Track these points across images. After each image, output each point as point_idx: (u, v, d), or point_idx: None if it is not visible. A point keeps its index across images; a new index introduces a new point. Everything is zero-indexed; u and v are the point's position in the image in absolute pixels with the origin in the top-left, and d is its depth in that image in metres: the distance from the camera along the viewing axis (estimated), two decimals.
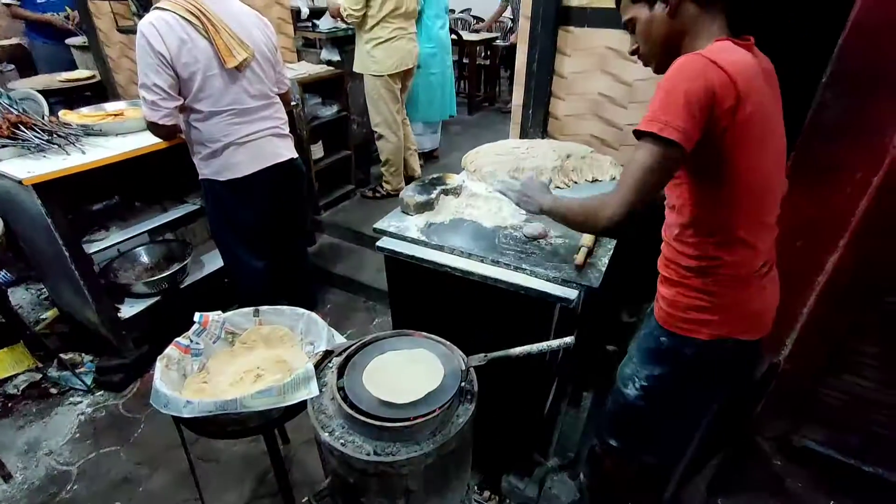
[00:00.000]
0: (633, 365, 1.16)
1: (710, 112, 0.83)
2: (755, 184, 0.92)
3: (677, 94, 0.82)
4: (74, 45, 3.58)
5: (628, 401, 1.17)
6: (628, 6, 0.99)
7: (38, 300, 2.58)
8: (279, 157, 1.91)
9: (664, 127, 0.82)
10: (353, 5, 2.67)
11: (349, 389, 1.04)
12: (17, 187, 1.64)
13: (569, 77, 1.82)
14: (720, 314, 1.00)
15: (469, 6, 6.65)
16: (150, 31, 1.52)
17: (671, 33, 0.95)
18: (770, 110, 0.91)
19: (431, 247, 1.31)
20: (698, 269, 0.99)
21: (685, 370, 1.08)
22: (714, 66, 0.82)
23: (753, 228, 0.96)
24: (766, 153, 0.91)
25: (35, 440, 1.91)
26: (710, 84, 0.81)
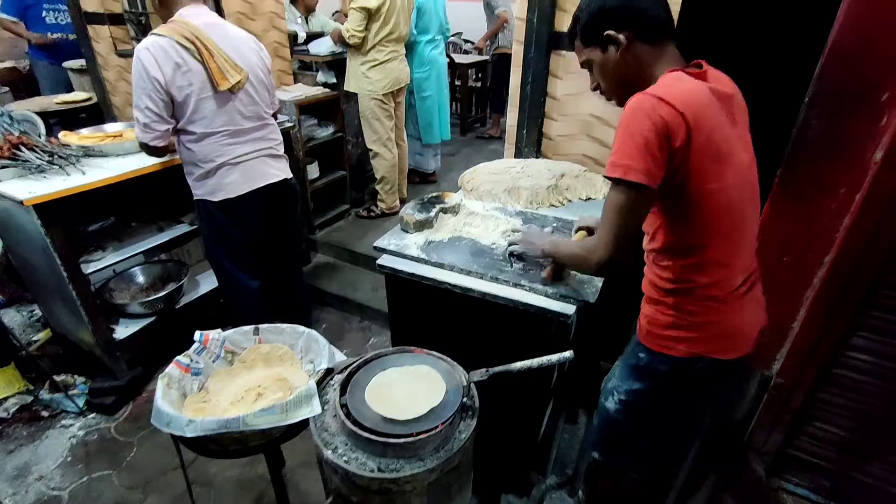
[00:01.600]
0: (614, 380, 1.20)
1: (667, 147, 0.88)
2: (720, 205, 0.95)
3: (634, 137, 0.88)
4: (72, 69, 3.61)
5: (609, 414, 1.21)
6: (582, 50, 1.06)
7: (30, 322, 2.55)
8: (273, 178, 1.93)
9: (628, 171, 0.88)
10: (356, 27, 2.77)
11: (352, 407, 1.04)
12: (16, 208, 1.64)
13: (561, 99, 1.88)
14: (696, 332, 1.03)
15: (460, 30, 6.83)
16: (146, 57, 1.57)
17: (625, 71, 1.01)
18: (726, 132, 0.94)
19: (431, 264, 1.33)
20: (674, 290, 1.03)
21: (662, 386, 1.11)
22: (662, 104, 0.87)
23: (725, 248, 0.99)
24: (727, 173, 0.94)
25: (25, 465, 1.87)
26: (662, 121, 0.86)
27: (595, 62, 1.04)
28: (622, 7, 0.97)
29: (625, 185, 0.89)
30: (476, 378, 1.09)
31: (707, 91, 0.93)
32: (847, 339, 1.33)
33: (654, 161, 0.87)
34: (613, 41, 0.98)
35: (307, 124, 3.02)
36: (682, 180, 0.92)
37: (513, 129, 1.97)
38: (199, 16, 1.69)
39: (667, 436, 1.24)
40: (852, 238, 1.24)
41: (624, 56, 0.99)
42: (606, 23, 0.98)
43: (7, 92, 3.81)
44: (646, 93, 0.90)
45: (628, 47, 0.98)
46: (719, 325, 1.03)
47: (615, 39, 0.98)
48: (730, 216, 0.97)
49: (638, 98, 0.90)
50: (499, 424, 1.42)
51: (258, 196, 1.90)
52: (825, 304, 1.32)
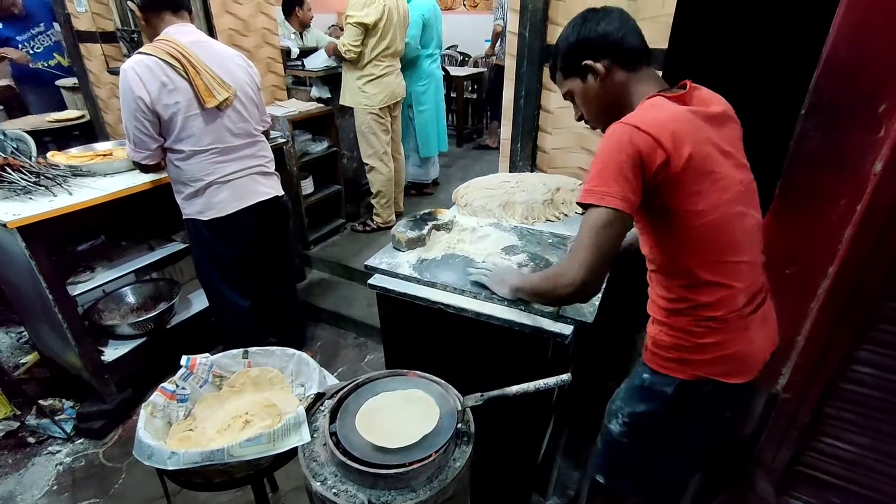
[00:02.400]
0: (618, 401, 1.17)
1: (642, 173, 0.88)
2: (709, 226, 0.93)
3: (610, 164, 0.88)
4: (65, 87, 3.60)
5: (613, 437, 1.17)
6: (563, 82, 1.08)
7: (18, 344, 2.49)
8: (263, 196, 1.91)
9: (603, 196, 0.89)
10: (353, 43, 2.76)
11: (342, 435, 1.00)
12: (0, 230, 1.61)
13: (555, 112, 1.86)
14: (700, 354, 1.00)
15: (455, 43, 6.88)
16: (131, 77, 1.56)
17: (607, 99, 1.02)
18: (709, 152, 0.92)
19: (424, 283, 1.30)
20: (675, 310, 1.01)
21: (666, 409, 1.07)
22: (637, 132, 0.87)
23: (719, 269, 0.96)
24: (713, 194, 0.92)
25: (10, 494, 1.81)
26: (636, 149, 0.87)
27: (576, 92, 1.06)
28: (598, 37, 0.99)
29: (601, 210, 0.89)
30: (471, 403, 1.05)
31: (686, 114, 0.92)
32: (853, 352, 1.29)
33: (630, 186, 0.88)
34: (592, 70, 1.00)
35: (301, 139, 3.00)
36: (664, 204, 0.92)
37: (507, 142, 1.95)
38: (185, 34, 1.68)
39: (672, 459, 1.19)
40: (855, 249, 1.21)
41: (603, 84, 1.01)
42: (584, 53, 1.00)
43: (1, 111, 3.79)
44: (621, 121, 0.91)
45: (607, 75, 1.00)
46: (724, 347, 0.99)
47: (594, 69, 1.00)
48: (721, 236, 0.95)
49: (613, 127, 0.91)
50: (498, 445, 1.38)
51: (249, 214, 1.87)
52: (830, 316, 1.29)
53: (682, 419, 1.09)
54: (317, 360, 2.45)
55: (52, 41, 3.54)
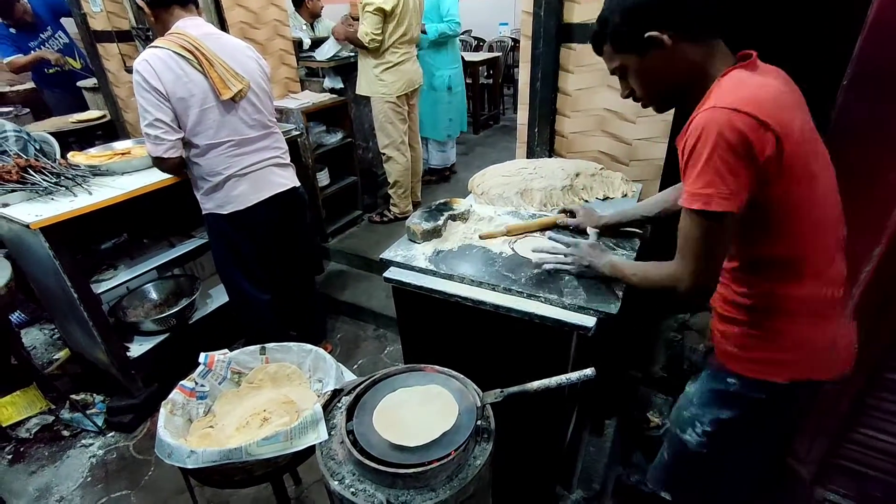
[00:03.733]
0: (692, 408, 1.06)
1: (751, 163, 0.77)
2: (813, 210, 0.84)
3: (712, 160, 0.77)
4: (85, 87, 3.66)
5: (688, 448, 1.07)
6: (613, 56, 0.92)
7: (52, 340, 2.58)
8: (281, 187, 1.90)
9: (709, 200, 0.78)
10: (374, 30, 2.72)
11: (359, 433, 0.98)
12: (25, 231, 1.64)
13: (573, 94, 1.79)
14: (796, 353, 0.91)
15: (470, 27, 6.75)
16: (144, 68, 1.54)
17: (672, 76, 0.88)
18: (810, 128, 0.84)
19: (440, 276, 1.26)
20: (766, 308, 0.91)
21: (756, 413, 0.98)
22: (737, 115, 0.75)
23: (819, 256, 0.87)
24: (819, 176, 0.84)
25: (46, 486, 1.87)
26: (741, 136, 0.75)
27: (631, 68, 0.91)
28: (663, 2, 0.83)
29: (706, 215, 0.79)
30: (490, 399, 1.02)
31: (779, 87, 0.82)
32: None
33: (739, 183, 0.77)
34: (656, 43, 0.84)
35: (315, 131, 2.99)
36: (774, 192, 0.81)
37: (524, 127, 1.89)
38: (196, 27, 1.66)
39: (750, 465, 1.12)
40: None
41: (669, 59, 0.85)
42: (646, 23, 0.84)
43: (28, 113, 3.89)
44: (715, 106, 0.78)
45: (673, 49, 0.84)
46: (821, 343, 0.91)
47: (658, 41, 0.84)
48: (822, 220, 0.86)
49: (707, 115, 0.78)
50: (520, 438, 1.34)
51: (267, 206, 1.87)
52: (874, 301, 1.21)
53: (769, 423, 1.01)
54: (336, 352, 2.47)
55: (62, 44, 3.59)
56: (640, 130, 1.73)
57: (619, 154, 1.81)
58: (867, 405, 1.33)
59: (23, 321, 2.65)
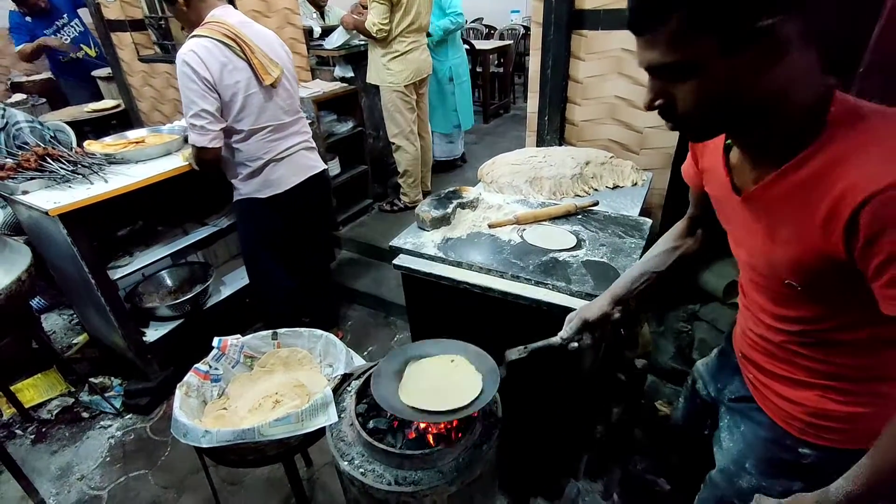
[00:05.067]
0: (750, 477, 0.91)
1: None
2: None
3: None
4: (100, 77, 3.71)
5: None
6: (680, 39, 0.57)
7: (71, 325, 2.64)
8: (314, 169, 1.97)
9: None
10: (381, 19, 2.71)
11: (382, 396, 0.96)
12: (44, 218, 1.68)
13: (584, 81, 1.77)
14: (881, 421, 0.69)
15: (481, 15, 6.68)
16: (192, 59, 1.56)
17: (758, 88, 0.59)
18: None
19: (449, 263, 1.27)
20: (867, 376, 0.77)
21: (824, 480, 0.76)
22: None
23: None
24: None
25: (67, 465, 1.94)
26: None
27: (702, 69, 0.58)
28: None
29: None
30: (514, 356, 0.99)
31: None
32: None
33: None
34: (768, 36, 0.55)
35: (326, 120, 3.00)
36: None
37: (534, 115, 1.88)
38: (231, 14, 1.70)
39: None
40: None
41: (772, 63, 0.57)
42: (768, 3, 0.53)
43: (44, 103, 3.96)
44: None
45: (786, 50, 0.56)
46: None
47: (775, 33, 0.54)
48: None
49: None
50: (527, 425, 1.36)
51: (303, 188, 1.93)
52: None
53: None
54: (347, 339, 2.50)
55: (77, 32, 3.63)
56: (651, 118, 1.70)
57: (630, 142, 1.79)
58: None
59: (43, 307, 2.72)
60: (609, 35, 1.68)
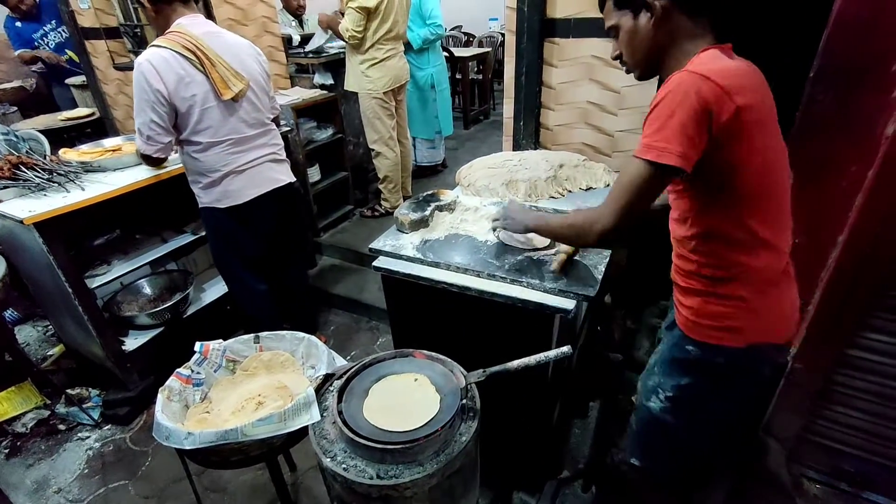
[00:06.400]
0: (655, 377, 1.11)
1: (708, 129, 0.82)
2: (767, 182, 0.90)
3: (672, 117, 0.82)
4: (74, 85, 3.65)
5: (653, 415, 1.12)
6: (611, 12, 0.97)
7: (45, 336, 2.59)
8: (277, 182, 1.93)
9: (661, 153, 0.83)
10: (355, 27, 2.74)
11: (350, 415, 1.03)
12: (18, 227, 1.66)
13: (557, 88, 1.84)
14: (754, 320, 0.96)
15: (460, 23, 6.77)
16: (147, 69, 1.55)
17: (655, 42, 0.93)
18: (768, 108, 0.90)
19: (427, 264, 1.31)
20: (723, 277, 0.96)
21: (716, 379, 1.03)
22: (707, 81, 0.81)
23: (773, 229, 0.93)
24: (770, 149, 0.90)
25: (44, 478, 1.90)
26: (705, 101, 0.80)
27: (623, 28, 0.95)
28: None
29: (652, 165, 0.84)
30: (473, 379, 1.07)
31: (749, 67, 0.89)
32: (865, 320, 1.28)
33: (692, 143, 0.82)
34: (648, 7, 0.90)
35: (306, 127, 3.01)
36: (729, 158, 0.86)
37: (509, 120, 1.93)
38: (197, 25, 1.67)
39: (714, 431, 1.15)
40: (866, 217, 1.18)
41: (658, 26, 0.91)
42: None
43: (15, 111, 3.87)
44: (686, 70, 0.84)
45: (663, 16, 0.90)
46: (774, 309, 0.97)
47: (651, 5, 0.90)
48: (774, 192, 0.92)
49: (679, 77, 0.84)
50: (507, 420, 1.40)
51: (264, 201, 1.91)
52: (840, 285, 1.27)
53: (729, 387, 1.05)
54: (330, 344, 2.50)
55: (63, 38, 3.62)
56: (622, 122, 1.79)
57: (602, 146, 1.86)
58: (836, 383, 1.39)
59: (15, 319, 2.66)
60: (580, 43, 1.74)
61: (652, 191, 0.88)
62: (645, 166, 0.86)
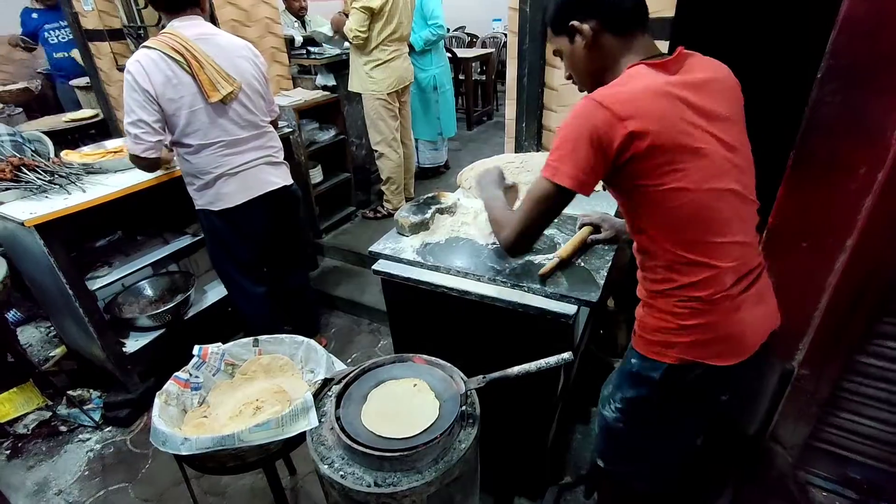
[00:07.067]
0: (610, 387, 1.15)
1: (601, 152, 0.86)
2: (686, 206, 0.88)
3: (568, 140, 0.88)
4: (78, 86, 3.67)
5: (608, 423, 1.15)
6: (552, 38, 1.03)
7: (48, 338, 2.60)
8: (272, 185, 1.91)
9: (556, 173, 0.89)
10: (360, 27, 2.74)
11: (348, 421, 1.02)
12: (19, 229, 1.66)
13: (560, 89, 1.82)
14: (686, 336, 0.96)
15: (463, 24, 6.76)
16: (135, 69, 1.56)
17: (593, 62, 0.98)
18: (686, 128, 0.86)
19: (427, 267, 1.29)
20: (659, 291, 0.98)
21: (655, 393, 1.04)
22: (600, 108, 0.84)
23: (701, 249, 0.91)
24: (692, 172, 0.87)
25: (45, 480, 1.90)
26: (595, 127, 0.84)
27: (564, 52, 1.02)
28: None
29: (549, 184, 0.91)
30: (473, 385, 1.05)
31: (662, 87, 0.87)
32: (874, 326, 1.25)
33: (585, 166, 0.87)
34: (579, 32, 0.96)
35: (308, 128, 3.01)
36: (634, 182, 0.89)
37: (511, 122, 1.92)
38: (190, 27, 1.67)
39: (668, 443, 1.16)
40: (875, 220, 1.16)
41: (590, 47, 0.96)
42: (572, 12, 0.96)
43: (20, 112, 3.90)
44: (588, 96, 0.88)
45: (594, 38, 0.95)
46: (712, 329, 0.95)
47: (580, 30, 0.95)
48: (703, 215, 0.90)
49: (581, 103, 0.89)
50: (509, 426, 1.38)
51: (258, 204, 1.89)
52: (848, 290, 1.24)
53: (673, 403, 1.05)
54: (331, 346, 2.49)
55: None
56: None
57: None
58: (845, 389, 1.37)
59: (19, 319, 2.67)
60: None
61: (551, 208, 0.95)
62: (545, 184, 0.92)
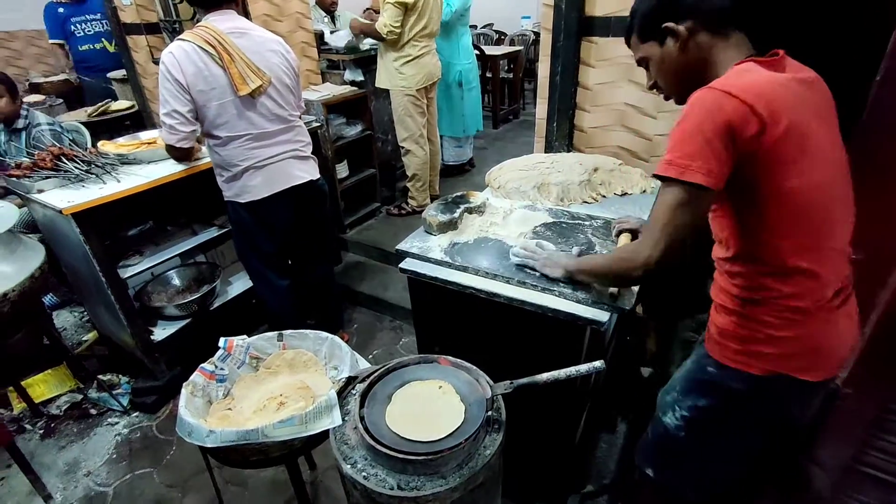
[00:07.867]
0: (675, 393, 1.09)
1: (732, 145, 0.79)
2: (803, 206, 0.83)
3: (694, 133, 0.80)
4: (115, 79, 3.77)
5: (668, 430, 1.10)
6: (638, 46, 0.99)
7: (81, 322, 2.68)
8: (298, 180, 1.93)
9: (685, 170, 0.80)
10: (394, 22, 2.73)
11: (371, 421, 1.00)
12: (58, 216, 1.71)
13: (594, 88, 1.77)
14: (777, 348, 0.91)
15: (491, 21, 6.70)
16: (169, 60, 1.60)
17: (687, 66, 0.93)
18: (810, 125, 0.83)
19: (455, 268, 1.27)
20: (752, 300, 0.91)
21: (732, 404, 0.99)
22: (728, 97, 0.78)
23: (811, 255, 0.86)
24: (811, 170, 0.82)
25: (75, 461, 1.96)
26: (727, 117, 0.78)
27: (653, 59, 0.96)
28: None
29: (680, 185, 0.82)
30: (500, 391, 1.02)
31: (784, 80, 0.83)
32: None
33: (717, 159, 0.79)
34: (672, 33, 0.91)
35: (335, 123, 3.02)
36: (757, 178, 0.82)
37: (542, 121, 1.88)
38: (224, 21, 1.70)
39: (731, 457, 1.11)
40: None
41: (684, 49, 0.91)
42: (665, 14, 0.91)
43: (61, 104, 4.03)
44: (709, 86, 0.82)
45: (689, 39, 0.90)
46: (804, 341, 0.90)
47: (674, 31, 0.90)
48: (815, 218, 0.85)
49: (700, 92, 0.82)
50: (532, 432, 1.35)
51: (284, 198, 1.90)
52: None
53: (747, 416, 1.01)
54: (352, 342, 2.50)
55: (103, 28, 3.76)
56: (661, 126, 1.71)
57: (639, 150, 1.78)
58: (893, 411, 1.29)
59: (55, 303, 2.76)
60: (619, 42, 1.64)
61: (690, 212, 0.83)
62: (674, 189, 0.83)
